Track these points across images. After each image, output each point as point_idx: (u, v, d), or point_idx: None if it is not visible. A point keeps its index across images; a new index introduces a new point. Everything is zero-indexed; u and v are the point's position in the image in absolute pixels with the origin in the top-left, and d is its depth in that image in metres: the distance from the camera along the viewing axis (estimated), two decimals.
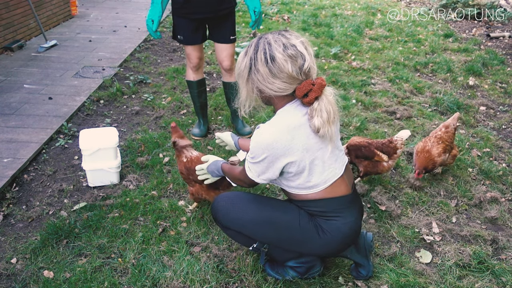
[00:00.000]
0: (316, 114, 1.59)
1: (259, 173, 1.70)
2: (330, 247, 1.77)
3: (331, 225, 1.73)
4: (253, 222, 1.77)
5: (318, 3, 8.01)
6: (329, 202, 1.73)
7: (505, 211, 2.52)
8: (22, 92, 3.87)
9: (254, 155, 1.66)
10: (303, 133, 1.62)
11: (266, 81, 1.59)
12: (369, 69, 4.70)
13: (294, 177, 1.69)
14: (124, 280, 1.96)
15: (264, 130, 1.63)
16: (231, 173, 1.93)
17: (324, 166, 1.69)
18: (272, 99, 1.67)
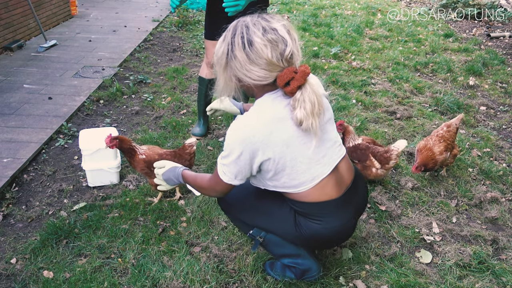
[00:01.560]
0: (298, 105, 1.46)
1: (236, 174, 1.57)
2: (307, 242, 1.75)
3: (310, 226, 1.67)
4: (258, 216, 1.79)
5: (318, 3, 8.01)
6: (313, 206, 1.64)
7: (505, 211, 2.52)
8: (22, 92, 3.86)
9: (229, 152, 1.53)
10: (283, 127, 1.51)
11: (244, 68, 1.46)
12: (369, 69, 4.70)
13: (277, 176, 1.59)
14: (124, 280, 1.96)
15: (240, 123, 1.52)
16: (197, 182, 1.78)
17: (310, 163, 1.58)
18: (252, 89, 1.55)
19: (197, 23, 6.47)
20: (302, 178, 1.59)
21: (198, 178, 1.78)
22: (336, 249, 2.17)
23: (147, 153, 2.37)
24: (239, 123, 1.53)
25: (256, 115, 1.53)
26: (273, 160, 1.53)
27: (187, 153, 2.45)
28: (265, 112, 1.52)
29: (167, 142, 3.11)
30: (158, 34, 5.96)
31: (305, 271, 1.89)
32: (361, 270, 2.05)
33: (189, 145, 2.45)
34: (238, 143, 1.51)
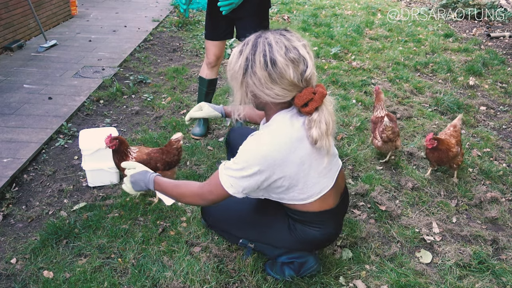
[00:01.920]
0: (314, 125, 1.48)
1: (244, 188, 1.54)
2: (295, 243, 1.78)
3: (308, 232, 1.72)
4: (234, 222, 1.82)
5: (318, 3, 8.02)
6: (313, 215, 1.68)
7: (505, 211, 2.52)
8: (22, 92, 3.87)
9: (244, 166, 1.49)
10: (301, 145, 1.52)
11: (264, 86, 1.45)
12: (369, 69, 4.70)
13: (287, 191, 1.60)
14: (124, 280, 1.96)
15: (262, 138, 1.50)
16: (181, 189, 1.68)
17: (319, 178, 1.62)
18: (267, 105, 1.55)
19: (197, 23, 6.47)
20: (311, 191, 1.62)
21: (182, 185, 1.69)
22: (336, 249, 2.17)
23: (137, 155, 2.35)
24: (261, 140, 1.49)
25: (278, 133, 1.51)
26: (288, 177, 1.54)
27: (174, 149, 2.42)
28: (285, 131, 1.51)
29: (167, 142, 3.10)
30: (158, 34, 5.96)
31: (302, 264, 1.91)
32: (361, 270, 2.05)
33: (175, 141, 2.42)
34: (258, 160, 1.48)
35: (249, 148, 1.50)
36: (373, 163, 2.95)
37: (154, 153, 2.38)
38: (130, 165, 1.81)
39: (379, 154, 3.03)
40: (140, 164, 1.83)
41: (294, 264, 1.92)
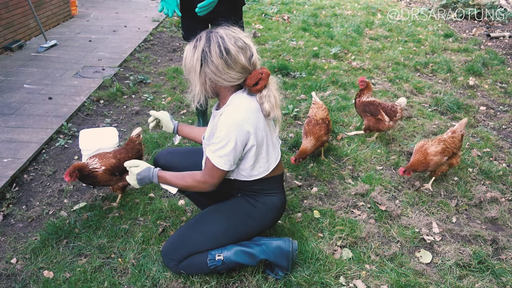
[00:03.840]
0: (266, 100, 1.75)
1: (234, 159, 1.76)
2: (266, 219, 1.94)
3: (269, 200, 1.92)
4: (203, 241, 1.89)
5: (318, 3, 8.02)
6: (270, 180, 1.90)
7: (505, 211, 2.52)
8: (22, 92, 3.87)
9: (226, 141, 1.70)
10: (261, 116, 1.77)
11: (221, 72, 1.68)
12: (369, 69, 4.70)
13: (256, 164, 1.82)
14: (124, 280, 1.96)
15: (231, 114, 1.70)
16: (186, 179, 1.85)
17: (274, 147, 1.89)
18: (222, 90, 1.77)
19: None
20: (271, 158, 1.87)
21: (186, 176, 1.86)
22: (336, 249, 2.17)
23: (105, 162, 2.29)
24: (231, 115, 1.71)
25: (241, 106, 1.73)
26: (256, 146, 1.77)
27: (137, 144, 2.45)
28: (247, 103, 1.74)
29: (167, 142, 3.11)
30: (158, 34, 5.96)
31: (283, 256, 1.95)
32: (361, 270, 2.05)
33: (136, 136, 2.45)
34: (235, 129, 1.69)
35: (224, 123, 1.71)
36: (373, 163, 2.96)
37: (120, 155, 2.36)
38: (133, 163, 1.91)
39: (367, 136, 3.22)
40: (141, 161, 1.93)
41: (281, 260, 1.95)
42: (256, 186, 1.90)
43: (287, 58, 4.99)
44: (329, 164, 2.91)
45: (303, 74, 4.46)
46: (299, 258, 2.08)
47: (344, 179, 2.77)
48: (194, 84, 1.75)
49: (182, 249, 1.90)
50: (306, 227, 2.32)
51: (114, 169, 2.29)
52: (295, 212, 2.45)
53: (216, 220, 1.92)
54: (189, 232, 1.92)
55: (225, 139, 1.71)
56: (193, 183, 1.84)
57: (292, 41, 5.65)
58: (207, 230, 1.90)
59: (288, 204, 2.50)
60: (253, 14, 6.99)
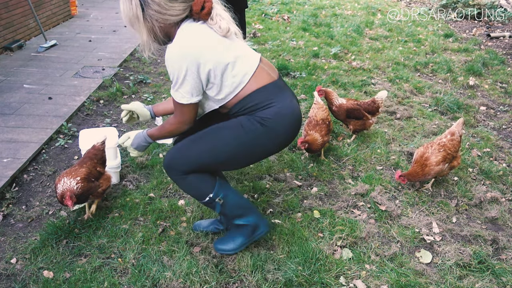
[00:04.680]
0: (218, 19, 1.72)
1: (191, 91, 1.72)
2: (279, 133, 1.83)
3: (270, 111, 1.80)
4: (207, 151, 1.83)
5: (318, 3, 8.02)
6: (259, 92, 1.79)
7: (505, 211, 2.52)
8: (22, 92, 3.87)
9: (177, 74, 1.68)
10: (210, 37, 1.71)
11: (165, 8, 1.65)
12: (369, 69, 4.70)
13: (224, 82, 1.75)
14: (124, 280, 1.96)
15: (175, 43, 1.67)
16: (166, 128, 1.89)
17: (243, 60, 1.78)
18: (171, 30, 1.73)
19: None
20: (242, 70, 1.77)
21: (165, 125, 1.89)
22: (336, 249, 2.17)
23: (75, 175, 2.19)
24: (171, 48, 1.67)
25: (183, 34, 1.69)
26: (216, 63, 1.70)
27: (102, 151, 2.40)
28: (192, 29, 1.70)
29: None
30: None
31: (255, 228, 2.06)
32: (361, 270, 2.05)
33: (101, 144, 2.39)
34: (180, 60, 1.66)
35: (168, 58, 1.68)
36: (373, 163, 2.96)
37: (81, 166, 2.25)
38: (124, 138, 2.02)
39: (349, 135, 3.25)
40: (130, 132, 2.03)
41: (247, 228, 2.03)
42: (248, 104, 1.80)
43: (287, 58, 4.99)
44: (329, 164, 2.91)
45: (303, 74, 4.46)
46: (300, 258, 2.08)
47: (344, 179, 2.77)
48: (141, 33, 1.72)
49: (190, 159, 1.85)
50: (306, 227, 2.32)
51: (89, 175, 2.24)
52: (295, 212, 2.44)
53: (227, 136, 1.83)
54: (199, 143, 1.86)
55: (175, 73, 1.68)
56: (171, 127, 1.86)
57: (292, 41, 5.65)
58: (220, 145, 1.83)
59: (288, 204, 2.50)
60: (253, 14, 6.99)
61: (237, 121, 1.83)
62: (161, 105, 2.18)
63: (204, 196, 1.92)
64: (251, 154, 1.89)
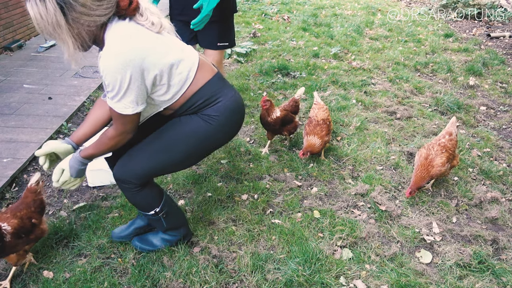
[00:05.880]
0: (148, 14, 1.58)
1: (136, 99, 1.58)
2: (227, 127, 1.83)
3: (218, 107, 1.77)
4: (161, 159, 1.78)
5: (318, 3, 8.01)
6: (205, 88, 1.74)
7: (505, 211, 2.52)
8: (22, 92, 3.86)
9: (119, 84, 1.51)
10: (148, 35, 1.57)
11: (92, 9, 1.44)
12: (369, 69, 4.70)
13: (171, 79, 1.66)
14: (124, 280, 1.96)
15: (108, 53, 1.48)
16: (103, 143, 1.70)
17: (184, 56, 1.69)
18: (99, 31, 1.53)
19: None
20: (187, 66, 1.70)
21: (104, 140, 1.70)
22: (336, 249, 2.17)
23: (8, 226, 1.83)
24: (108, 55, 1.48)
25: (117, 38, 1.51)
26: (159, 72, 1.60)
27: (39, 193, 1.99)
28: (126, 31, 1.52)
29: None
30: None
31: (183, 238, 2.14)
32: (361, 270, 2.05)
33: (35, 184, 1.98)
34: (123, 67, 1.49)
35: (108, 66, 1.49)
36: (373, 163, 2.96)
37: (21, 212, 1.90)
38: (57, 175, 1.77)
39: (283, 140, 3.06)
40: (60, 164, 1.78)
41: (175, 239, 2.12)
42: (197, 102, 1.75)
43: (287, 58, 4.99)
44: (329, 164, 2.91)
45: (303, 74, 4.46)
46: (300, 258, 2.08)
47: (344, 179, 2.77)
48: (65, 41, 1.48)
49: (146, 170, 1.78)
50: (306, 227, 2.32)
51: (19, 230, 1.84)
52: (295, 212, 2.44)
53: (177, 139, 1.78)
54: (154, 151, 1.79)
55: (117, 83, 1.51)
56: (112, 141, 1.69)
57: (292, 41, 5.65)
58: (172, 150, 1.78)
59: (288, 204, 2.50)
60: (253, 14, 6.98)
61: (185, 121, 1.78)
62: (79, 131, 1.88)
63: (150, 209, 1.92)
64: (203, 152, 1.87)
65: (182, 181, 2.66)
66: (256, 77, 4.35)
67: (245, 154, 3.02)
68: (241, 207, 2.45)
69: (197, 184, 2.66)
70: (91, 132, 1.89)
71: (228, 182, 2.69)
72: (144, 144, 1.82)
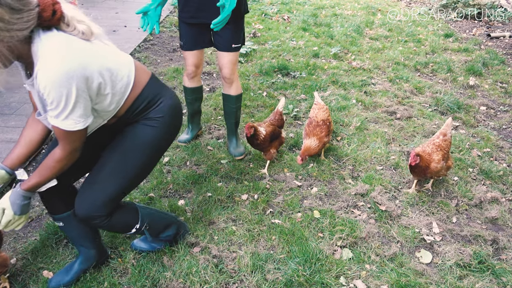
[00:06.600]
0: (75, 22, 1.48)
1: (86, 112, 1.49)
2: (172, 126, 1.82)
3: (161, 108, 1.76)
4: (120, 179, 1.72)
5: (318, 3, 8.01)
6: (146, 90, 1.72)
7: (505, 211, 2.52)
8: (22, 92, 3.86)
9: (65, 99, 1.41)
10: (81, 43, 1.48)
11: (11, 23, 1.31)
12: (369, 69, 4.70)
13: (114, 85, 1.59)
14: (124, 280, 1.96)
15: (49, 66, 1.37)
16: (49, 167, 1.57)
17: (121, 61, 1.64)
18: (23, 46, 1.40)
19: None
20: (125, 72, 1.64)
21: (49, 164, 1.58)
22: (336, 249, 2.17)
23: None
24: (48, 70, 1.38)
25: (54, 51, 1.40)
26: (103, 80, 1.53)
27: None
28: (58, 44, 1.42)
29: None
30: (158, 34, 5.95)
31: (177, 234, 2.14)
32: (361, 270, 2.05)
33: None
34: (67, 81, 1.39)
35: (50, 81, 1.38)
36: (373, 163, 2.96)
37: None
38: None
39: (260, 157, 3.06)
40: (1, 200, 1.66)
41: (170, 236, 2.10)
42: (141, 105, 1.70)
43: (287, 58, 4.99)
44: (329, 164, 2.91)
45: (303, 74, 4.46)
46: (300, 258, 2.08)
47: (344, 179, 2.77)
48: None
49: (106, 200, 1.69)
50: (306, 227, 2.32)
51: None
52: (295, 212, 2.44)
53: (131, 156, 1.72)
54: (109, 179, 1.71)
55: (62, 99, 1.41)
56: (60, 164, 1.56)
57: (292, 41, 5.65)
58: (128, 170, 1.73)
59: (288, 204, 2.50)
60: (253, 14, 6.98)
61: (130, 134, 1.73)
62: (12, 154, 1.76)
63: (131, 228, 1.89)
64: (155, 158, 1.83)
65: (182, 181, 2.66)
66: (256, 77, 4.35)
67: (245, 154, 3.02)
68: (241, 207, 2.46)
69: (197, 184, 2.66)
70: (25, 154, 1.75)
71: (228, 182, 2.69)
72: (96, 173, 1.73)
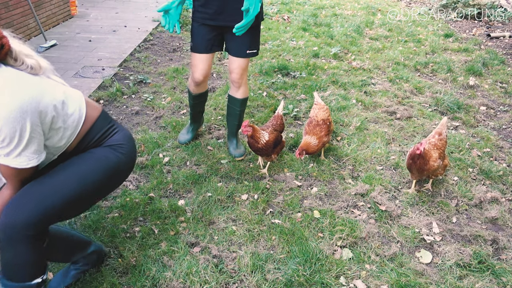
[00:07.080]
0: (23, 56, 1.43)
1: (39, 147, 1.45)
2: (132, 155, 1.77)
3: (120, 136, 1.72)
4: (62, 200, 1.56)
5: (318, 3, 8.01)
6: (99, 123, 1.67)
7: (505, 211, 2.52)
8: None
9: (18, 135, 1.36)
10: (32, 78, 1.43)
11: None
12: (369, 69, 4.70)
13: (67, 122, 1.55)
14: (124, 280, 1.96)
15: (4, 101, 1.33)
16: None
17: (70, 95, 1.59)
18: None
19: None
20: (76, 106, 1.59)
21: None
22: (336, 249, 2.17)
23: None
24: (1, 105, 1.32)
25: (3, 85, 1.36)
26: (56, 113, 1.49)
27: None
28: (6, 80, 1.37)
29: (167, 142, 3.11)
30: (158, 34, 5.95)
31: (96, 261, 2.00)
32: (361, 270, 2.05)
33: None
34: (20, 118, 1.35)
35: (1, 118, 1.33)
36: (373, 163, 2.96)
37: None
38: None
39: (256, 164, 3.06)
40: None
41: (88, 265, 1.96)
42: (95, 136, 1.65)
43: (287, 58, 4.99)
44: (329, 164, 2.91)
45: (303, 74, 4.46)
46: (300, 258, 2.08)
47: (344, 179, 2.77)
48: None
49: None
50: (306, 227, 2.32)
51: None
52: (295, 212, 2.44)
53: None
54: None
55: (16, 135, 1.36)
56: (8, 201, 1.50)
57: (292, 41, 5.65)
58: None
59: (288, 204, 2.50)
60: None
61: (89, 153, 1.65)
62: None
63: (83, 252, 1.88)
64: (114, 182, 1.75)
65: (182, 181, 2.66)
66: (256, 77, 4.35)
67: None
68: (241, 207, 2.46)
69: (197, 184, 2.66)
70: None
71: (228, 182, 2.69)
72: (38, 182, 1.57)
